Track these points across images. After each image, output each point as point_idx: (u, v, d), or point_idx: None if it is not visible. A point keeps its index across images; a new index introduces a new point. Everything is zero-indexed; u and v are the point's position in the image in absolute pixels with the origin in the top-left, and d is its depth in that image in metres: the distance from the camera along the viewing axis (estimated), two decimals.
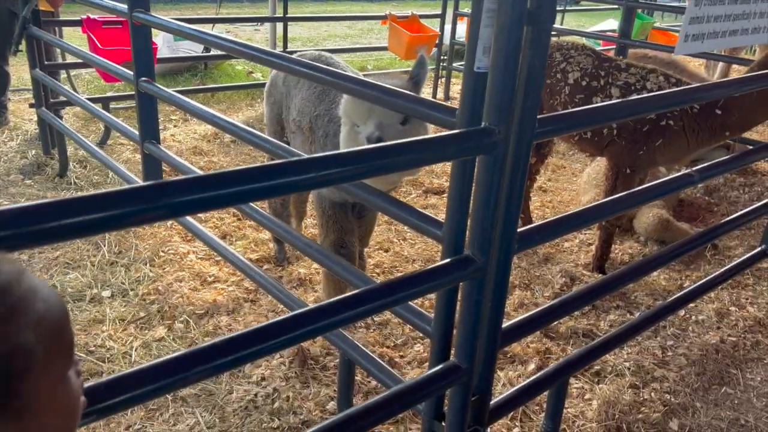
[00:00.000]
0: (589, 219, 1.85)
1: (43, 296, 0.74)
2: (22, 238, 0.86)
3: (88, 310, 3.04)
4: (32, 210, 0.88)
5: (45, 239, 0.93)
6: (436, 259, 3.70)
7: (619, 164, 3.32)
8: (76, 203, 0.93)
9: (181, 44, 6.96)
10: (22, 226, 0.86)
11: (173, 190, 1.00)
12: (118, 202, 0.96)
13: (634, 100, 1.88)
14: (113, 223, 0.97)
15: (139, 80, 2.91)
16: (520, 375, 2.74)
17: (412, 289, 1.38)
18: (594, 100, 3.22)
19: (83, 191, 4.27)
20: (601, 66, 3.27)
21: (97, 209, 0.94)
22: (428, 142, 1.26)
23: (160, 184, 1.01)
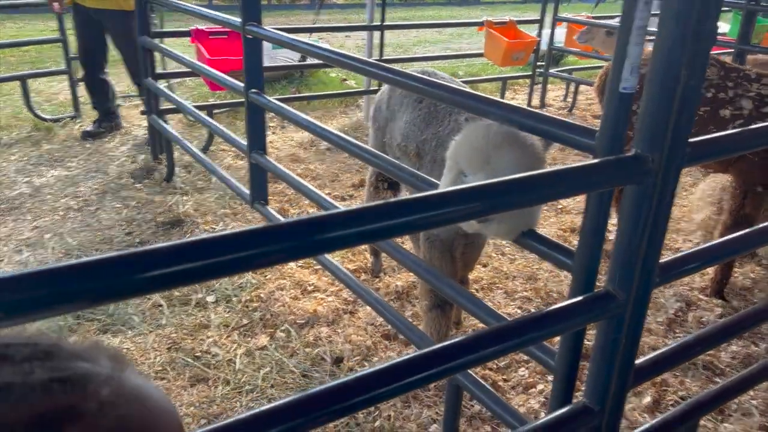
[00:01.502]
0: (738, 249, 1.69)
1: (156, 410, 0.60)
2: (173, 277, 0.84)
3: (194, 314, 3.13)
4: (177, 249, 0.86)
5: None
6: (537, 276, 3.56)
7: (749, 182, 3.06)
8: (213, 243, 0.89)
9: (279, 52, 7.14)
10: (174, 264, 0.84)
11: (317, 228, 0.96)
12: (261, 240, 0.92)
13: None
14: (248, 263, 0.92)
15: (249, 92, 2.97)
16: (634, 408, 2.56)
17: (549, 329, 1.29)
18: (722, 113, 2.98)
19: (188, 195, 4.44)
20: (728, 76, 3.02)
21: (221, 252, 0.89)
22: (576, 172, 1.17)
23: (301, 223, 0.96)
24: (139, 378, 0.61)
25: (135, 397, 0.58)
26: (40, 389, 0.52)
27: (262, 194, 3.19)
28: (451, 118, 2.53)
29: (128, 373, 0.59)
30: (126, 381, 0.58)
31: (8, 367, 0.53)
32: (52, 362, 0.55)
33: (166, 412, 0.61)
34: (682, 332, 3.10)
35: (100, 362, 0.58)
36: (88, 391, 0.54)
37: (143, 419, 0.58)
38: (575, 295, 1.49)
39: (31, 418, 0.50)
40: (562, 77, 7.48)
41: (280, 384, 2.67)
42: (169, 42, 7.22)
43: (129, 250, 0.82)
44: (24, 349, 0.55)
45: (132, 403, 0.57)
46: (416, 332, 2.36)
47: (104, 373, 0.57)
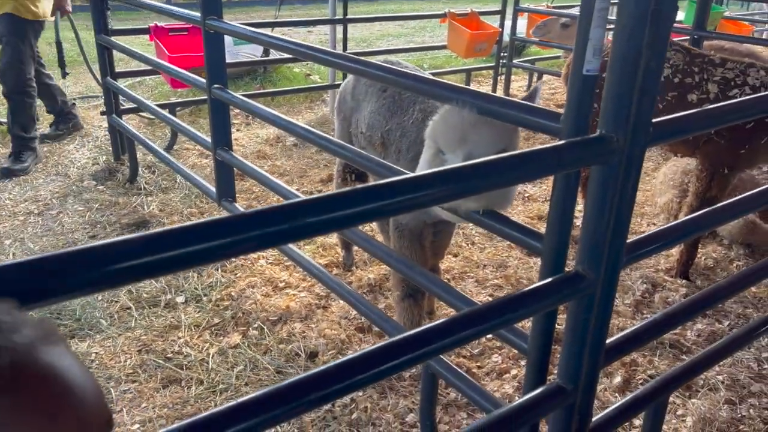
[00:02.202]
0: (702, 226, 1.72)
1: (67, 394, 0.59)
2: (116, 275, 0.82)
3: (163, 315, 3.07)
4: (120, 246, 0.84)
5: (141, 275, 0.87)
6: (507, 264, 3.59)
7: (716, 164, 3.14)
8: (162, 238, 0.88)
9: (241, 48, 7.04)
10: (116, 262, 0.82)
11: (269, 219, 0.94)
12: (213, 233, 0.91)
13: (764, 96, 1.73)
14: (206, 256, 0.91)
15: (212, 87, 2.92)
16: (605, 388, 2.61)
17: (521, 310, 1.30)
18: (689, 97, 3.05)
19: (152, 196, 4.36)
20: (693, 61, 3.09)
21: (190, 242, 0.88)
22: (544, 153, 1.18)
23: (258, 213, 0.95)
24: (61, 360, 0.58)
25: (35, 374, 0.56)
26: None
27: (229, 191, 3.14)
28: (416, 108, 2.54)
29: (44, 352, 0.57)
30: (32, 359, 0.56)
31: None
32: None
33: (75, 399, 0.59)
34: (649, 313, 3.17)
35: (14, 335, 0.56)
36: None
37: (37, 399, 0.55)
38: (545, 277, 1.51)
39: None
40: (525, 68, 7.56)
41: (255, 381, 2.64)
42: (130, 39, 7.08)
43: (90, 244, 0.80)
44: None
45: (28, 380, 0.55)
46: (390, 323, 2.36)
47: (6, 345, 0.55)
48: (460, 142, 1.81)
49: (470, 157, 1.70)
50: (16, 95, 4.70)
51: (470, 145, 1.78)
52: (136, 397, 2.53)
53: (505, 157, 1.16)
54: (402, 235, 2.64)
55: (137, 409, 2.46)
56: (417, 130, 2.48)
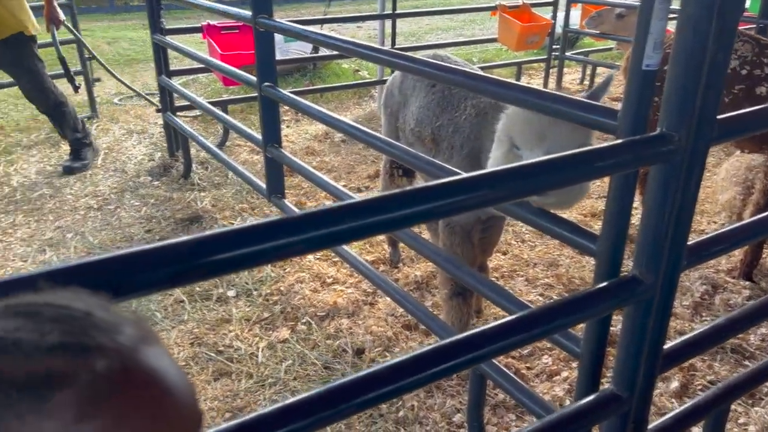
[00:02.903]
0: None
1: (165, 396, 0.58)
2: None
3: (215, 309, 3.14)
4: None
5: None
6: (559, 262, 3.51)
7: None
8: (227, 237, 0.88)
9: (291, 46, 7.11)
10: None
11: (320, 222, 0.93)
12: (273, 233, 0.90)
13: None
14: (260, 257, 0.91)
15: (262, 85, 2.95)
16: (662, 393, 2.52)
17: (575, 315, 1.26)
18: (758, 90, 2.90)
19: (205, 191, 4.45)
20: (763, 53, 2.94)
21: (247, 243, 0.88)
22: (600, 153, 1.13)
23: (319, 213, 0.94)
24: (160, 362, 0.58)
25: (140, 379, 0.56)
26: (45, 350, 0.53)
27: (278, 187, 3.18)
28: (467, 103, 2.49)
29: (146, 354, 0.57)
30: (137, 361, 0.56)
31: (31, 323, 0.54)
32: (71, 327, 0.55)
33: (175, 402, 0.58)
34: (709, 316, 3.04)
35: (118, 336, 0.56)
36: (85, 361, 0.53)
37: (142, 402, 0.55)
38: (600, 280, 1.46)
39: (28, 376, 0.51)
40: (578, 60, 7.37)
41: (303, 376, 2.67)
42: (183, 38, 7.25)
43: (154, 244, 0.82)
44: (55, 310, 0.56)
45: (132, 385, 0.55)
46: (437, 322, 2.34)
47: (113, 347, 0.55)
48: (540, 138, 1.79)
49: (549, 154, 1.69)
50: (53, 110, 4.72)
51: (549, 142, 1.76)
52: (185, 374, 2.58)
53: (557, 158, 1.11)
54: (453, 232, 2.61)
55: None
56: (471, 126, 2.44)
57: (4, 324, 0.55)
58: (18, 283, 0.73)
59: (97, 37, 10.73)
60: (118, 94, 7.03)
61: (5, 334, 0.54)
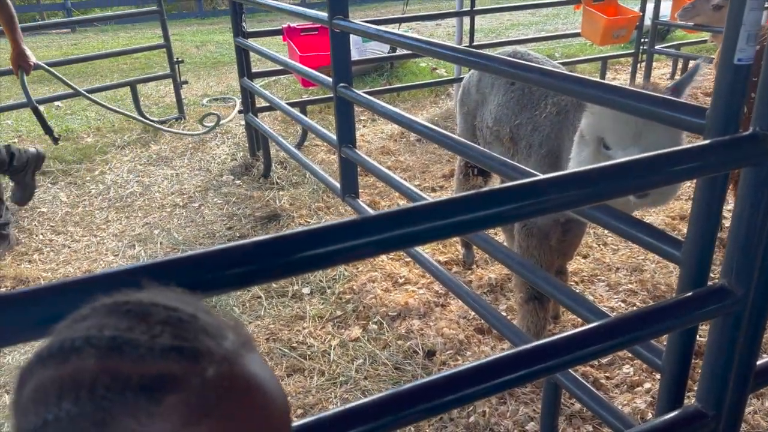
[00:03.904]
0: None
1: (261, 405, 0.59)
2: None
3: (290, 306, 3.21)
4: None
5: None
6: (644, 267, 3.34)
7: None
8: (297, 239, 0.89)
9: (369, 45, 7.17)
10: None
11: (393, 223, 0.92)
12: (350, 233, 0.90)
13: None
14: (337, 257, 0.91)
15: (338, 86, 2.98)
16: (755, 411, 2.34)
17: (656, 326, 1.18)
18: None
19: (284, 190, 4.56)
20: None
21: (330, 242, 0.89)
22: (686, 154, 1.05)
23: (396, 213, 0.93)
24: (259, 368, 0.59)
25: (243, 385, 0.57)
26: (159, 353, 0.54)
27: (352, 187, 3.20)
28: (548, 101, 2.42)
29: (248, 360, 0.58)
30: (241, 367, 0.57)
31: (143, 325, 0.56)
32: (181, 330, 0.56)
33: (273, 408, 0.59)
34: None
35: (224, 342, 0.58)
36: (197, 366, 0.54)
37: (244, 408, 0.56)
38: (685, 289, 1.37)
39: (142, 378, 0.52)
40: (668, 54, 6.99)
41: (373, 376, 2.68)
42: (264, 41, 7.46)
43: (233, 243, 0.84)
44: (164, 311, 0.58)
45: (237, 390, 0.56)
46: (510, 327, 2.27)
47: (220, 353, 0.56)
48: (635, 137, 1.74)
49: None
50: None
51: (644, 141, 1.71)
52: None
53: (636, 160, 1.05)
54: (530, 234, 2.54)
55: None
56: (551, 125, 2.36)
57: (117, 322, 0.56)
58: (116, 278, 0.77)
59: (186, 41, 11.26)
60: (205, 95, 7.34)
61: (120, 334, 0.55)
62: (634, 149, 1.70)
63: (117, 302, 0.59)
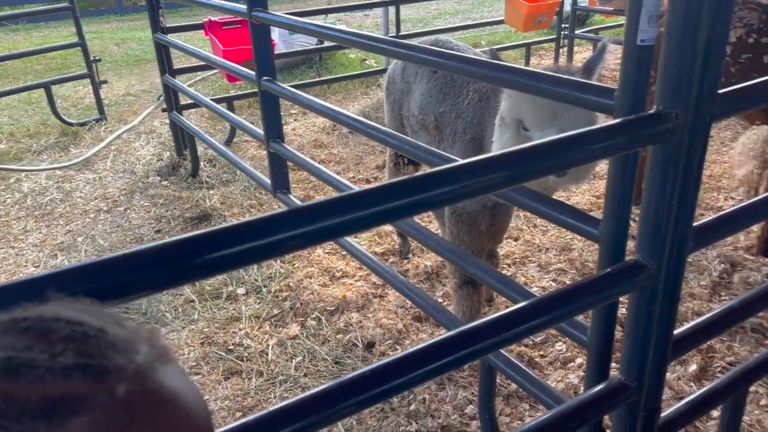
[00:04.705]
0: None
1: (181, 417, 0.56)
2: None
3: (225, 307, 3.13)
4: None
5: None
6: (572, 246, 3.44)
7: None
8: (206, 240, 0.85)
9: (296, 38, 7.07)
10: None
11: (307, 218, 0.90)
12: (264, 230, 0.88)
13: None
14: (257, 254, 0.88)
15: (261, 80, 2.91)
16: (679, 377, 2.46)
17: (575, 304, 1.21)
18: (766, 59, 2.80)
19: (214, 189, 4.45)
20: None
21: (240, 241, 0.86)
22: (594, 134, 1.08)
23: (309, 208, 0.91)
24: (176, 380, 0.56)
25: (158, 401, 0.53)
26: (60, 373, 0.49)
27: (283, 183, 3.15)
28: (469, 88, 2.44)
29: (163, 373, 0.55)
30: (154, 382, 0.54)
31: (43, 343, 0.51)
32: (86, 347, 0.52)
33: (192, 422, 0.56)
34: (728, 295, 2.95)
35: (136, 356, 0.54)
36: (105, 385, 0.50)
37: (160, 425, 0.53)
38: (604, 266, 1.41)
39: (42, 400, 0.48)
40: (588, 38, 7.21)
41: (313, 372, 2.65)
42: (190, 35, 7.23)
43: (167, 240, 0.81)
44: (67, 327, 0.53)
45: (151, 407, 0.53)
46: (445, 314, 2.29)
47: (131, 368, 0.52)
48: (551, 119, 1.77)
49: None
50: None
51: (562, 120, 1.75)
52: (199, 389, 2.58)
53: (549, 142, 1.06)
54: (459, 221, 2.57)
55: None
56: (474, 111, 2.39)
57: (13, 341, 0.51)
58: (20, 289, 0.72)
59: (106, 39, 10.79)
60: (128, 94, 7.05)
61: (16, 354, 0.50)
62: (552, 130, 1.73)
63: (15, 319, 0.54)
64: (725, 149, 4.53)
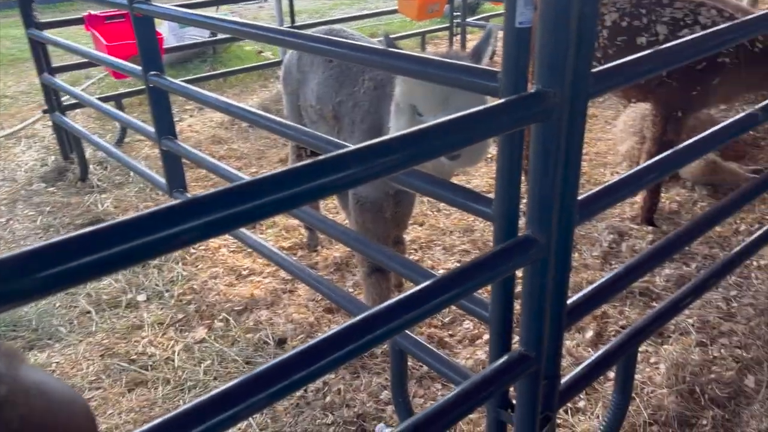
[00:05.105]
0: (657, 172, 1.67)
1: (58, 403, 0.57)
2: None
3: (125, 316, 2.97)
4: None
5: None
6: (474, 228, 3.55)
7: (670, 107, 3.11)
8: (95, 237, 0.80)
9: (187, 31, 6.79)
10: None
11: (201, 209, 0.86)
12: (143, 228, 0.83)
13: (708, 35, 1.65)
14: (140, 253, 0.83)
15: (148, 75, 2.77)
16: (578, 344, 2.60)
17: (472, 282, 1.24)
18: (639, 41, 2.98)
19: (106, 193, 4.21)
20: (641, 3, 3.02)
21: (121, 240, 0.80)
22: (478, 116, 1.10)
23: (196, 200, 0.87)
24: (37, 373, 0.58)
25: (35, 392, 0.56)
26: None
27: (179, 181, 3.02)
28: (365, 77, 2.44)
29: (24, 370, 0.56)
30: (23, 378, 0.55)
31: None
32: None
33: (71, 403, 0.60)
34: (618, 263, 3.15)
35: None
36: None
37: (46, 413, 0.56)
38: (498, 243, 1.45)
39: None
40: (479, 26, 7.43)
41: (224, 375, 2.58)
42: (74, 31, 6.76)
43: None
44: None
45: (33, 399, 0.55)
46: (355, 303, 2.30)
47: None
48: (443, 103, 1.81)
49: None
50: None
51: (452, 105, 1.78)
52: (101, 404, 2.44)
53: (435, 125, 1.08)
54: (364, 209, 2.57)
55: (102, 417, 2.37)
56: (370, 100, 2.40)
57: None
58: None
59: None
60: (3, 97, 6.51)
61: None
62: (443, 114, 1.75)
63: None
64: (609, 127, 4.82)
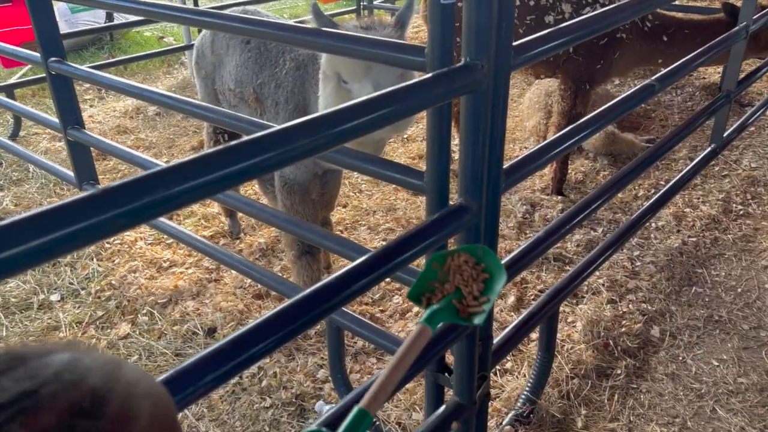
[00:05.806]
0: (572, 141, 1.78)
1: (148, 391, 0.56)
2: None
3: (39, 318, 2.81)
4: None
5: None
6: (396, 207, 3.62)
7: (578, 80, 3.31)
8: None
9: (79, 16, 6.40)
10: None
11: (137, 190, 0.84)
12: (64, 218, 0.78)
13: (607, 12, 1.77)
14: (65, 245, 0.79)
15: (49, 62, 2.61)
16: (501, 309, 2.74)
17: (410, 252, 1.28)
18: (546, 19, 3.14)
19: (4, 191, 3.92)
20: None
21: (45, 230, 0.76)
22: (412, 89, 1.14)
23: (116, 188, 0.84)
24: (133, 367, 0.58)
25: (149, 391, 0.56)
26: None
27: (89, 174, 2.87)
28: (286, 57, 2.42)
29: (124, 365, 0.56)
30: (119, 370, 0.55)
31: None
32: (25, 369, 0.50)
33: (169, 397, 0.59)
34: (532, 232, 3.33)
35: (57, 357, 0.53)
36: (82, 388, 0.50)
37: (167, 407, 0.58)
38: (431, 213, 1.51)
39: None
40: (386, 8, 7.49)
41: (153, 369, 2.51)
42: None
43: None
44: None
45: (152, 395, 0.56)
46: (287, 285, 2.30)
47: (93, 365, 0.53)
48: (366, 70, 1.83)
49: (377, 85, 1.80)
50: None
51: (376, 71, 1.82)
52: None
53: (369, 99, 1.11)
54: (292, 192, 2.56)
55: None
56: (293, 80, 2.38)
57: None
58: None
59: None
60: None
61: None
62: (367, 81, 1.82)
63: None
64: (514, 104, 5.04)
